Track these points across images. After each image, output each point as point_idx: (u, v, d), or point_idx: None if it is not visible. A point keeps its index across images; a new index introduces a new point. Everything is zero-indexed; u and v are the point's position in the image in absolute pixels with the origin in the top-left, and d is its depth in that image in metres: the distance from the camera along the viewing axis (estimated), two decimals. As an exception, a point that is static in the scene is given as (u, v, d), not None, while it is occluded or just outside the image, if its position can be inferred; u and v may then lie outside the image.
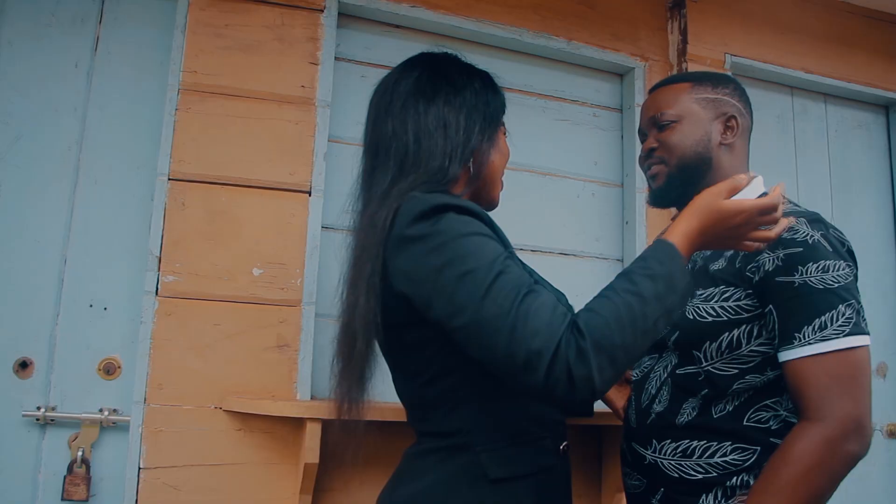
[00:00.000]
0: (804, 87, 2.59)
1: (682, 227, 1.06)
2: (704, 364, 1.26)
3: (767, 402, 1.23)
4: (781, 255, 1.19)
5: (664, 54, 2.37)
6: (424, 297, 1.05)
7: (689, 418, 1.27)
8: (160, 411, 1.75)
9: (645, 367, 1.39)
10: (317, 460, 1.69)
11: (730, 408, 1.24)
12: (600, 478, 2.09)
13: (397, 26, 2.14)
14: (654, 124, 1.40)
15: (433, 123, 1.19)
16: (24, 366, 1.78)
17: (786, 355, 1.17)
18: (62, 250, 1.84)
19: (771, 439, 1.21)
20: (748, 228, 1.08)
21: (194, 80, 1.87)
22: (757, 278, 1.22)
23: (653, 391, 1.34)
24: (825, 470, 1.10)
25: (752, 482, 1.20)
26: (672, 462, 1.26)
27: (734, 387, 1.24)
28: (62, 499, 1.74)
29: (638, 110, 2.28)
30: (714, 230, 1.07)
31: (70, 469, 1.76)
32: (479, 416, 1.13)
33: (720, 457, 1.22)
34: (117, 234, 1.88)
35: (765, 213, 1.07)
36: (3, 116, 1.83)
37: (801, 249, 1.18)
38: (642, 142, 1.45)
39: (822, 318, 1.15)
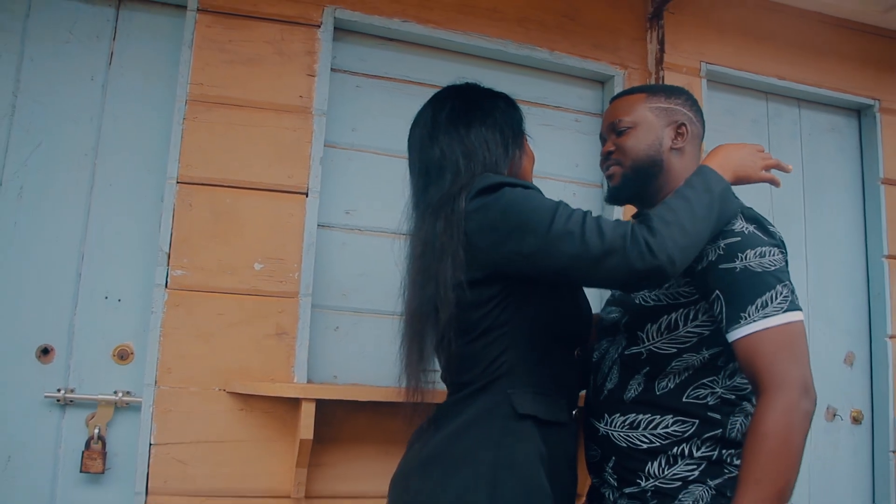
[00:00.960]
0: (778, 93, 2.70)
1: (707, 163, 1.38)
2: (647, 343, 1.41)
3: (704, 380, 1.36)
4: (722, 244, 1.32)
5: (643, 63, 2.50)
6: (499, 242, 1.27)
7: (636, 394, 1.40)
8: (169, 393, 1.90)
9: (602, 350, 1.53)
10: (311, 437, 1.84)
11: (671, 385, 1.37)
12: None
13: (390, 39, 2.28)
14: (613, 130, 1.54)
15: (476, 142, 1.42)
16: (45, 352, 1.93)
17: (735, 334, 1.28)
18: (80, 247, 1.99)
19: (708, 413, 1.34)
20: (755, 158, 1.41)
21: (201, 92, 2.01)
22: (699, 267, 1.34)
23: (605, 370, 1.49)
24: (795, 431, 1.20)
25: (693, 451, 1.33)
26: (621, 433, 1.40)
27: (673, 364, 1.37)
28: (80, 471, 1.89)
29: (618, 116, 2.43)
30: (728, 157, 1.38)
31: (87, 445, 1.90)
32: (514, 367, 1.33)
33: (663, 428, 1.35)
34: (130, 232, 2.02)
35: (760, 151, 1.42)
36: (26, 125, 1.98)
37: (740, 239, 1.32)
38: (602, 146, 1.59)
39: (764, 298, 1.26)
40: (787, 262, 1.35)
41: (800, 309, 1.28)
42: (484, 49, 2.33)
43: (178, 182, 1.97)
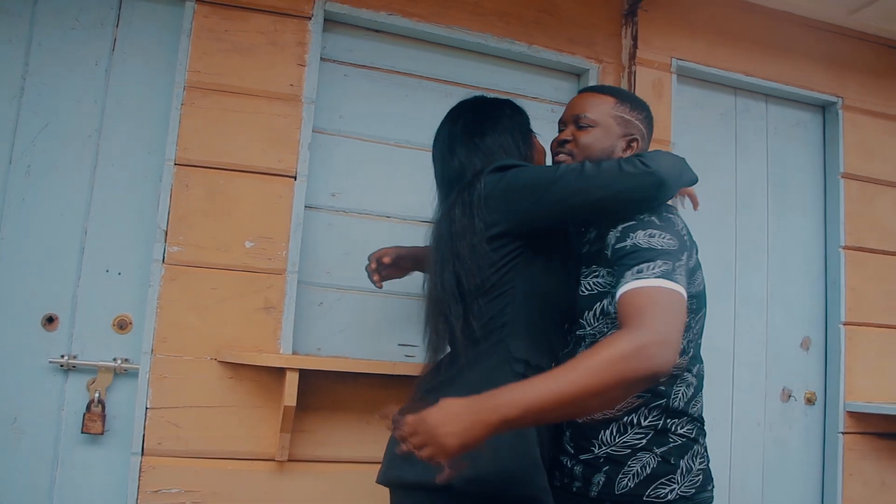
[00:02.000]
0: (746, 89, 2.83)
1: None
2: (588, 328, 1.54)
3: None
4: (620, 228, 1.44)
5: (617, 57, 2.62)
6: (526, 197, 1.47)
7: None
8: (165, 361, 2.03)
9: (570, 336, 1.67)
10: (294, 404, 1.98)
11: None
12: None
13: (377, 31, 2.39)
14: (575, 122, 1.64)
15: (492, 148, 1.61)
16: (50, 320, 2.05)
17: (616, 295, 1.35)
18: (83, 223, 2.10)
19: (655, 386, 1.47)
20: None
21: (198, 79, 2.13)
22: (607, 253, 1.46)
23: (569, 351, 1.61)
24: (623, 367, 1.17)
25: (641, 420, 1.46)
26: None
27: None
28: (81, 432, 2.01)
29: (592, 108, 2.56)
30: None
31: (88, 408, 2.02)
32: (512, 321, 1.48)
33: None
34: (130, 210, 2.13)
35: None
36: (33, 107, 2.08)
37: (635, 222, 1.43)
38: (560, 131, 1.68)
39: (641, 266, 1.34)
40: (689, 255, 1.43)
41: (677, 283, 1.30)
42: (465, 42, 2.45)
43: (175, 164, 2.09)
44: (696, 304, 1.51)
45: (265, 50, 2.20)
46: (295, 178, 2.18)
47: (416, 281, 1.97)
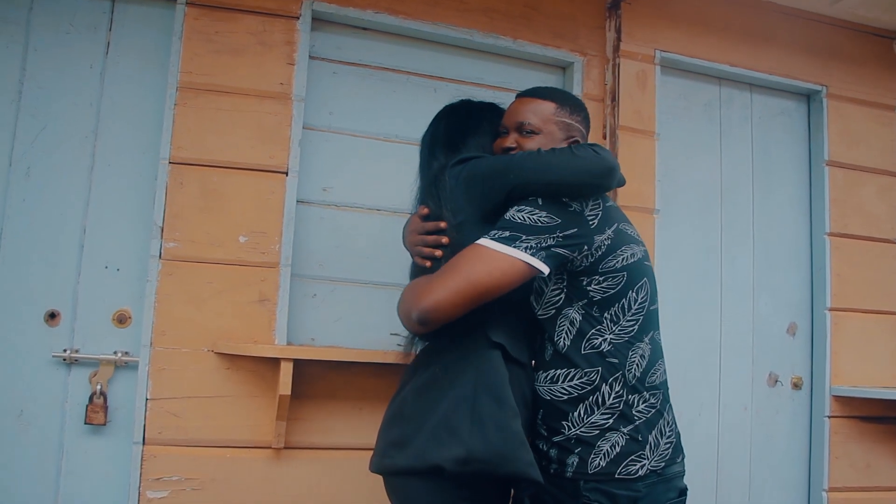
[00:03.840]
0: (730, 79, 2.87)
1: None
2: (537, 310, 1.62)
3: (593, 331, 1.54)
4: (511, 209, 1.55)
5: (601, 50, 2.67)
6: (492, 185, 1.56)
7: (549, 354, 1.60)
8: (163, 353, 2.09)
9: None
10: (289, 393, 2.05)
11: (568, 342, 1.56)
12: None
13: (364, 29, 2.44)
14: (518, 129, 1.69)
15: (472, 149, 1.70)
16: (52, 316, 2.11)
17: None
18: (82, 221, 2.16)
19: (607, 360, 1.53)
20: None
21: (190, 80, 2.18)
22: None
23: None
24: (403, 302, 1.53)
25: (606, 399, 1.52)
26: (543, 388, 1.60)
27: (559, 323, 1.57)
28: (85, 423, 2.08)
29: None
30: None
31: (91, 400, 2.09)
32: (490, 312, 1.53)
33: (578, 379, 1.54)
34: (127, 208, 2.18)
35: None
36: (32, 110, 2.14)
37: (520, 203, 1.53)
38: (502, 135, 1.73)
39: (493, 230, 1.49)
40: (570, 227, 1.50)
41: (513, 247, 1.45)
42: (451, 38, 2.50)
43: (170, 162, 2.14)
44: (629, 276, 1.56)
45: (255, 50, 2.26)
46: (286, 173, 2.24)
47: (406, 272, 2.02)
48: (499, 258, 1.45)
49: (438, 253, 1.60)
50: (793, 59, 2.89)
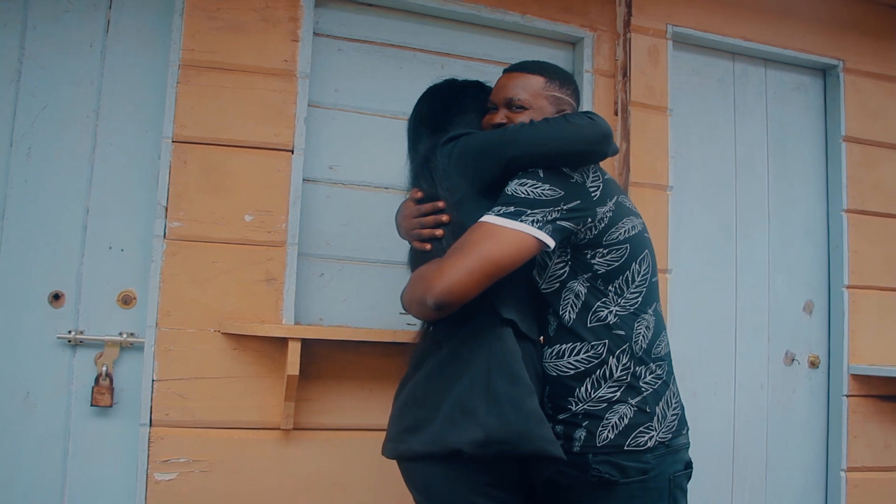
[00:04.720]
0: (745, 53, 2.81)
1: None
2: (541, 284, 1.58)
3: (598, 304, 1.52)
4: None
5: (612, 25, 2.62)
6: (490, 158, 1.53)
7: (553, 328, 1.57)
8: (169, 334, 2.07)
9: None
10: (297, 373, 2.02)
11: (573, 315, 1.53)
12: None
13: (369, 5, 2.40)
14: (507, 105, 1.65)
15: (459, 127, 1.66)
16: (56, 297, 2.10)
17: None
18: (85, 202, 2.14)
19: (613, 332, 1.50)
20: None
21: (192, 57, 2.15)
22: None
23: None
24: (414, 287, 1.50)
25: (613, 372, 1.49)
26: (550, 364, 1.56)
27: (563, 297, 1.54)
28: (91, 405, 2.07)
29: (588, 76, 2.56)
30: None
31: (97, 381, 2.08)
32: (499, 289, 1.47)
33: (584, 353, 1.51)
34: (130, 188, 2.17)
35: None
36: (32, 90, 2.12)
37: (520, 175, 1.49)
38: (491, 111, 1.70)
39: (496, 206, 1.46)
40: (573, 199, 1.47)
41: (519, 221, 1.43)
42: (459, 13, 2.45)
43: (173, 141, 2.12)
44: (632, 248, 1.54)
45: (258, 27, 2.22)
46: (292, 151, 2.21)
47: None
48: (508, 234, 1.42)
49: (439, 232, 1.56)
50: (808, 33, 2.83)
